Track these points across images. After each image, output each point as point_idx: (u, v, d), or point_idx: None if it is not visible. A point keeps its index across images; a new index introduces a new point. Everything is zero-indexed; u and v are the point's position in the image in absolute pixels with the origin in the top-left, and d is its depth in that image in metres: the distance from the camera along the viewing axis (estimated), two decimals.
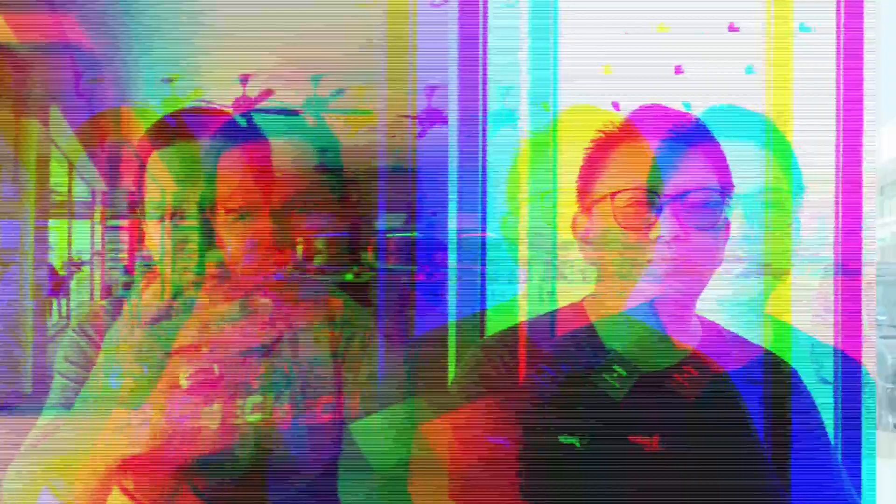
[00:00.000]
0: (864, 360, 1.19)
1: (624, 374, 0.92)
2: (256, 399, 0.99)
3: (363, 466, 1.01)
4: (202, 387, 0.93)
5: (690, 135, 0.91)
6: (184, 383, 0.92)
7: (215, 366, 0.93)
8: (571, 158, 0.99)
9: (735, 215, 0.97)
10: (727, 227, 0.93)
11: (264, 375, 0.99)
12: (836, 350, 1.21)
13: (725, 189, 0.93)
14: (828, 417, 1.03)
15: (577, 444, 0.90)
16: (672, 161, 0.89)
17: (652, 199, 0.89)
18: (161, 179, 0.94)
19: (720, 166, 0.92)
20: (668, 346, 0.94)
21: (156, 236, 0.97)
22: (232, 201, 0.93)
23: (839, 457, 1.03)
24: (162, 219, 0.94)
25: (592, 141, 0.96)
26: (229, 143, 0.95)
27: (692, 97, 1.13)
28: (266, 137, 0.99)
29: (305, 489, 1.00)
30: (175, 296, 0.98)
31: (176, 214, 0.93)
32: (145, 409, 0.89)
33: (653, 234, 0.88)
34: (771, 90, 1.24)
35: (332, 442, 1.04)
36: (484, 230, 1.51)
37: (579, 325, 0.97)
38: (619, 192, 0.90)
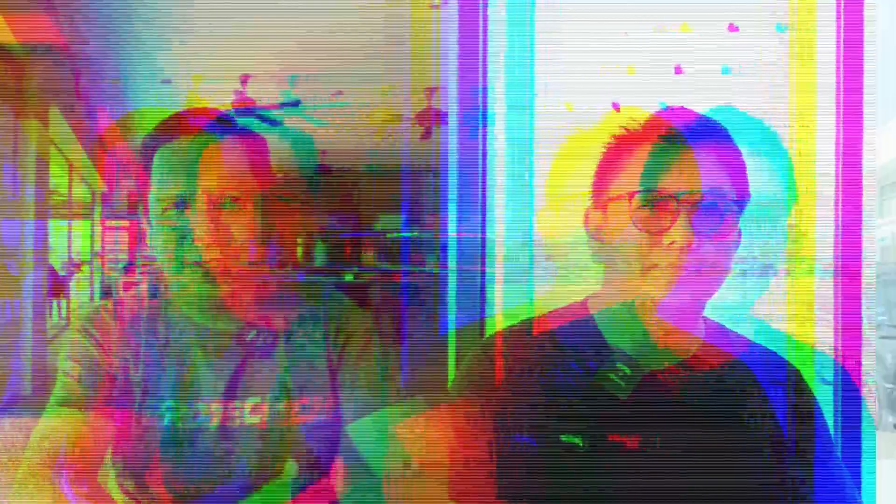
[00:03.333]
0: (863, 361, 1.19)
1: (628, 372, 0.91)
2: (255, 400, 0.99)
3: (361, 467, 1.01)
4: None
5: (712, 139, 0.91)
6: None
7: None
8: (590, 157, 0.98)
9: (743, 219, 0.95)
10: (739, 233, 0.92)
11: (262, 377, 1.00)
12: (835, 350, 1.21)
13: (742, 196, 0.91)
14: (828, 417, 1.03)
15: (580, 444, 0.90)
16: (692, 166, 0.89)
17: (669, 202, 0.88)
18: (163, 176, 0.94)
19: (738, 172, 0.92)
20: (672, 347, 0.94)
21: (156, 233, 0.97)
22: (216, 191, 0.93)
23: (839, 457, 1.03)
24: (162, 214, 0.94)
25: (613, 137, 0.95)
26: (217, 135, 0.96)
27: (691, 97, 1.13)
28: (254, 132, 1.00)
29: (305, 490, 1.00)
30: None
31: (179, 206, 0.93)
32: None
33: (666, 240, 0.88)
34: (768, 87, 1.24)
35: (330, 443, 1.04)
36: (484, 230, 1.51)
37: (583, 323, 0.97)
38: (637, 192, 0.89)
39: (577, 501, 0.89)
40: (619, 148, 0.93)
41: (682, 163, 0.88)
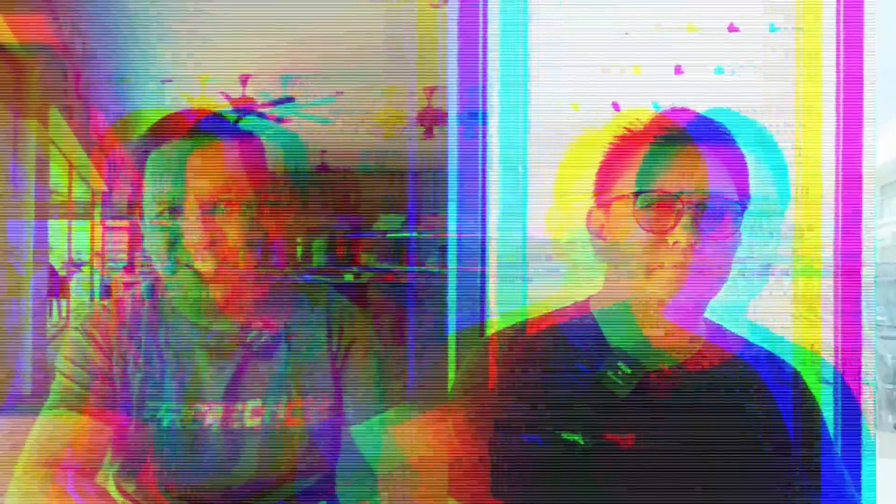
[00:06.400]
0: (863, 361, 1.19)
1: (628, 371, 0.92)
2: (255, 403, 0.99)
3: (363, 470, 1.01)
4: None
5: (714, 139, 0.91)
6: None
7: None
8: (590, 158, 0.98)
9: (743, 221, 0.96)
10: (739, 233, 0.92)
11: (263, 379, 0.99)
12: (835, 351, 1.21)
13: (743, 196, 0.92)
14: (828, 417, 1.03)
15: (580, 442, 0.90)
16: (696, 165, 0.89)
17: (674, 202, 0.88)
18: (158, 178, 0.94)
19: (740, 173, 0.92)
20: (673, 347, 0.94)
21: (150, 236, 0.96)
22: (208, 195, 0.92)
23: (839, 457, 1.03)
24: (157, 216, 0.94)
25: (617, 137, 0.95)
26: (211, 137, 0.95)
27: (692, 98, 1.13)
28: (250, 134, 0.99)
29: (306, 492, 1.00)
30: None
31: (173, 210, 0.93)
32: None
33: (670, 239, 0.88)
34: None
35: (331, 445, 1.04)
36: (484, 230, 1.51)
37: (584, 323, 0.97)
38: (641, 192, 0.89)
39: (577, 500, 0.89)
40: (622, 148, 0.93)
41: (686, 162, 0.88)
